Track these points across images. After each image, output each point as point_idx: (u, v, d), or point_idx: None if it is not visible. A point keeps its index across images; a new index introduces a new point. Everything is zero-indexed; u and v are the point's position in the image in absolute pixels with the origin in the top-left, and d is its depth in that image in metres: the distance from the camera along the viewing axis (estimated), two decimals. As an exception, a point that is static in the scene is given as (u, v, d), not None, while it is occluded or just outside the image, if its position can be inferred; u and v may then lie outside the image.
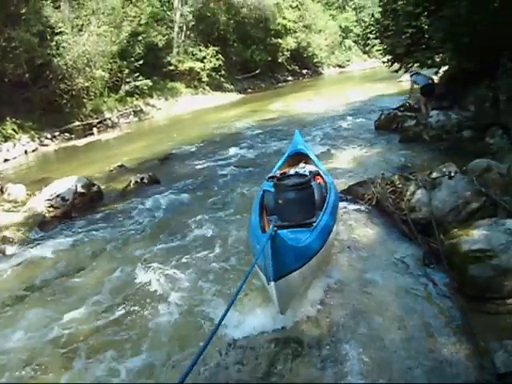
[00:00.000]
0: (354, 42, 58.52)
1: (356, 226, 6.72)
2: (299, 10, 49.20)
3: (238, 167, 11.90)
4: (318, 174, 7.15)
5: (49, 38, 23.51)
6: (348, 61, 58.94)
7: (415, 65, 15.75)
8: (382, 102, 19.88)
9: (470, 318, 4.21)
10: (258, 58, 40.47)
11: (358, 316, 4.68)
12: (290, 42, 44.72)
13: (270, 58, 42.31)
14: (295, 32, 46.59)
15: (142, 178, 11.09)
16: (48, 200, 9.93)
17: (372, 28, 17.80)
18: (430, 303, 4.68)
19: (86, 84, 25.08)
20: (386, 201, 6.69)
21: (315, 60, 51.60)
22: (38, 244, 8.25)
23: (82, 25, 25.63)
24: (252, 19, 38.93)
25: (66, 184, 10.31)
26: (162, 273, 6.24)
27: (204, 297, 5.52)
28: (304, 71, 50.42)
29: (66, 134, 23.52)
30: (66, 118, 24.39)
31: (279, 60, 44.58)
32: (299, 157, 8.47)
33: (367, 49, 36.47)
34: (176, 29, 34.20)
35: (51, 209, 9.82)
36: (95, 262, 7.16)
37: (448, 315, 4.43)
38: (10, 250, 8.16)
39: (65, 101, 24.26)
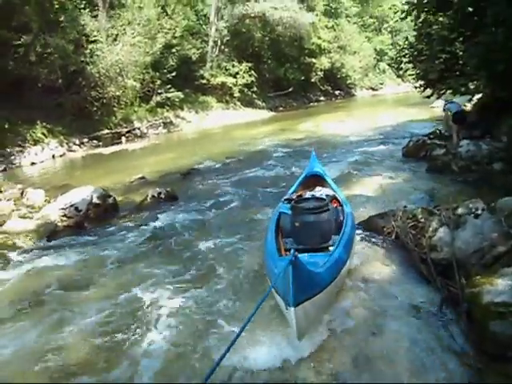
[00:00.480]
0: (389, 65, 57.49)
1: (372, 261, 6.27)
2: (334, 30, 48.70)
3: (258, 188, 11.49)
4: (335, 198, 7.08)
5: (83, 45, 23.59)
6: (381, 84, 58.19)
7: (448, 91, 15.27)
8: (412, 127, 19.35)
9: (487, 380, 3.73)
10: (291, 77, 40.09)
11: (363, 364, 4.26)
12: (323, 62, 44.21)
13: (303, 77, 41.85)
14: (329, 52, 46.08)
15: (160, 193, 10.77)
16: (62, 209, 9.74)
17: (405, 52, 17.34)
18: (443, 358, 4.20)
19: (117, 93, 25.09)
20: (406, 236, 6.21)
21: (348, 81, 50.99)
22: (46, 254, 7.99)
23: (117, 34, 25.64)
24: (287, 37, 38.53)
25: (82, 194, 10.10)
26: (166, 296, 5.94)
27: (211, 324, 5.21)
28: (337, 92, 49.89)
29: (94, 141, 23.50)
30: (96, 125, 24.36)
31: (312, 80, 44.11)
32: (315, 179, 8.40)
33: (401, 73, 35.84)
34: (210, 43, 34.11)
35: (64, 218, 9.62)
36: (99, 278, 6.86)
37: (463, 374, 3.96)
38: (17, 258, 7.95)
39: (95, 108, 24.31)
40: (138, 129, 26.85)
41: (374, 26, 61.40)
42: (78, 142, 22.70)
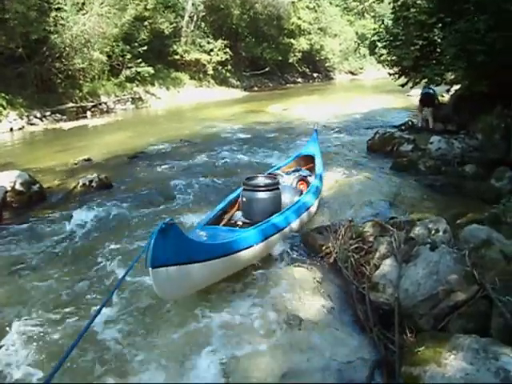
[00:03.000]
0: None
1: (300, 291, 4.89)
2: (316, 11, 47.06)
3: (206, 177, 10.11)
4: (304, 180, 7.58)
5: (46, 13, 21.81)
6: (361, 68, 56.65)
7: (423, 81, 14.05)
8: (385, 116, 18.23)
9: None
10: (268, 56, 38.54)
11: None
12: (302, 43, 42.66)
13: (280, 58, 40.23)
14: (309, 34, 44.49)
15: (91, 181, 9.42)
16: (-23, 197, 8.37)
17: (381, 36, 16.02)
18: None
19: (82, 65, 23.49)
20: (347, 261, 4.91)
21: (327, 64, 49.60)
22: None
23: (83, 3, 23.92)
24: (265, 16, 37.06)
25: (2, 180, 8.74)
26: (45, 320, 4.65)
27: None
28: (315, 74, 48.42)
29: (57, 115, 22.02)
30: (60, 98, 23.01)
31: (290, 60, 42.51)
32: (307, 159, 8.92)
33: (382, 58, 34.49)
34: (186, 18, 32.36)
35: (-20, 208, 8.27)
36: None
37: None
38: None
39: (59, 80, 22.95)
40: (105, 103, 25.59)
41: (358, 9, 59.74)
42: (39, 115, 21.28)
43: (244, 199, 6.21)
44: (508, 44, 9.60)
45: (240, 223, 6.23)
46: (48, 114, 21.73)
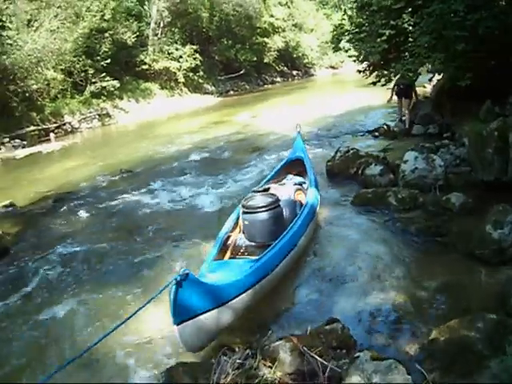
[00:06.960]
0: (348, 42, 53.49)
1: None
2: (288, 7, 44.57)
3: (136, 227, 7.71)
4: (300, 189, 6.91)
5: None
6: (342, 62, 53.57)
7: (395, 78, 11.57)
8: (360, 118, 15.82)
9: None
10: (242, 58, 35.91)
11: None
12: (277, 42, 40.03)
13: (255, 58, 37.56)
14: (283, 31, 41.90)
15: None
16: None
17: (343, 28, 13.42)
18: None
19: (35, 86, 21.05)
20: None
21: (306, 61, 47.00)
22: None
23: (30, 20, 21.40)
24: (236, 16, 34.45)
25: None
26: None
27: None
28: (294, 72, 45.84)
29: (17, 141, 19.53)
30: (20, 122, 20.46)
31: (265, 60, 39.88)
32: (297, 164, 8.10)
33: (348, 54, 31.41)
34: (152, 25, 29.76)
35: None
36: None
37: None
38: None
39: (15, 103, 20.31)
40: (69, 123, 23.01)
41: (334, 2, 56.77)
42: (-5, 142, 18.66)
43: (246, 222, 5.68)
44: (493, 26, 7.54)
45: (243, 249, 5.68)
46: (6, 140, 19.24)
